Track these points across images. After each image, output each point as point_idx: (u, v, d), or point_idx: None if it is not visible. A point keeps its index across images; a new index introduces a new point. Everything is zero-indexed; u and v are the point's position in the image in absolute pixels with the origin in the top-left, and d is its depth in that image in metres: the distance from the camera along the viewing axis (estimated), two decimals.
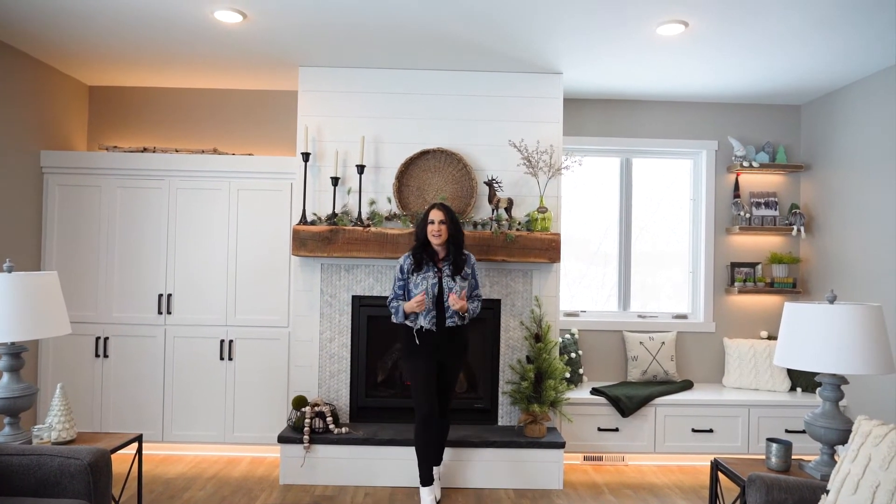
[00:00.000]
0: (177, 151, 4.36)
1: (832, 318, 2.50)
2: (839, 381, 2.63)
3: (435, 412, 3.37)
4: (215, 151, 4.42)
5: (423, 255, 3.43)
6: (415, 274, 3.43)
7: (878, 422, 2.21)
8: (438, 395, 3.45)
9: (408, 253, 3.50)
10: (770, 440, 2.72)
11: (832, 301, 2.60)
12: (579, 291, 4.92)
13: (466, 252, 3.52)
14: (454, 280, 3.40)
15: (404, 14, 3.28)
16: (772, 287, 4.67)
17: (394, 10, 3.24)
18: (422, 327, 3.40)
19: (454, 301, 3.32)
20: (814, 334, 2.53)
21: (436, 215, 3.40)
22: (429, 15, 3.28)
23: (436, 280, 3.41)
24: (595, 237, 4.94)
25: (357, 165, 3.99)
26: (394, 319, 3.48)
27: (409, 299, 3.46)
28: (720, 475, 2.84)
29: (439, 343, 3.41)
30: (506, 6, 3.15)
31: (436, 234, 3.38)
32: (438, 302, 3.41)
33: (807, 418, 2.67)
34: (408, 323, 3.44)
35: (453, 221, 3.42)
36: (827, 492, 2.19)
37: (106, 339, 4.21)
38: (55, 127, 4.35)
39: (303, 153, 4.01)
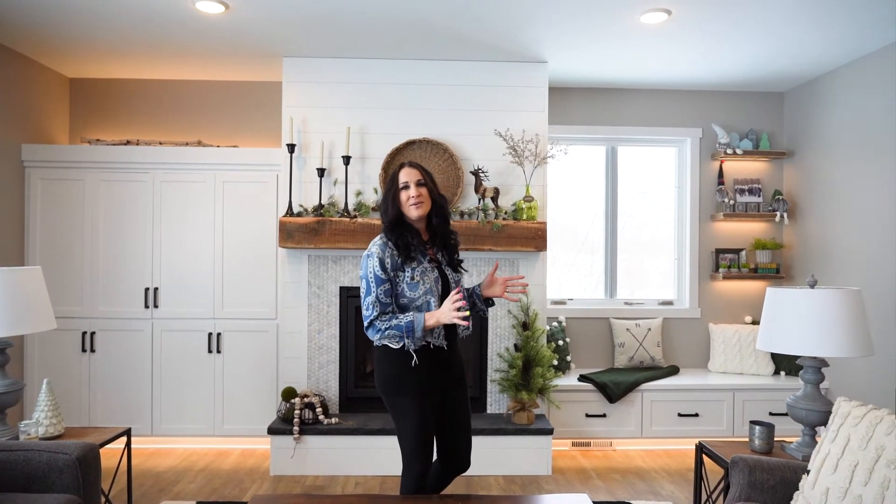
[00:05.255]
0: (161, 144, 4.33)
1: (813, 303, 2.54)
2: (820, 364, 2.68)
3: (431, 467, 2.42)
4: (200, 144, 4.39)
5: (408, 237, 2.35)
6: (406, 268, 2.32)
7: (857, 403, 2.26)
8: (460, 439, 2.48)
9: (380, 241, 2.36)
10: (753, 423, 2.77)
11: (813, 286, 2.65)
12: (568, 279, 4.95)
13: (452, 229, 2.53)
14: (458, 272, 2.47)
15: (387, 4, 3.27)
16: (756, 273, 4.72)
17: (376, 0, 3.22)
18: (429, 344, 2.32)
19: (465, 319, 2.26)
20: (795, 318, 2.57)
21: (409, 175, 2.38)
22: (412, 5, 3.27)
23: (437, 273, 2.38)
24: (583, 225, 4.97)
25: (343, 156, 3.98)
26: (408, 345, 2.28)
27: (399, 307, 2.35)
28: (705, 458, 2.89)
29: (447, 364, 2.39)
30: None
31: (414, 201, 2.34)
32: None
33: (789, 401, 2.72)
34: (405, 342, 2.30)
35: (434, 183, 2.44)
36: (808, 472, 2.24)
37: (92, 333, 4.19)
38: (36, 120, 4.29)
39: (288, 144, 3.99)
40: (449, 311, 2.21)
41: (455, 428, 2.46)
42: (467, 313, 2.19)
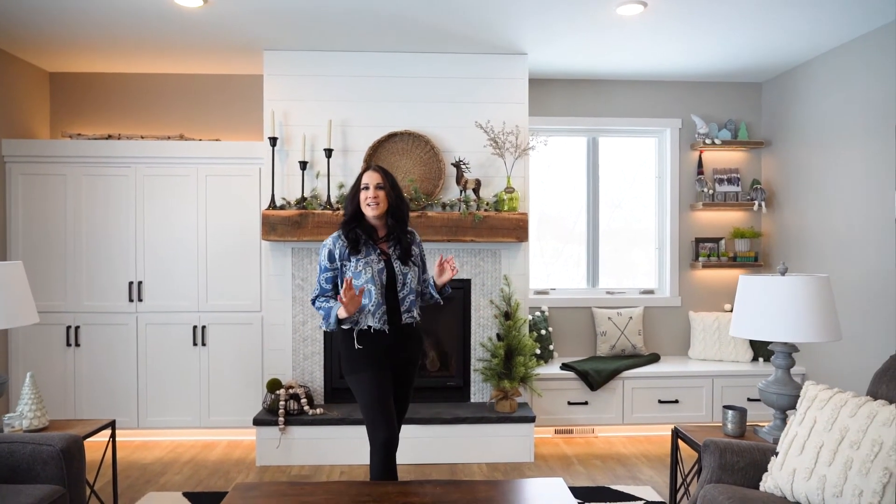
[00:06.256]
0: (142, 138, 4.33)
1: (782, 290, 2.60)
2: (790, 350, 2.75)
3: (396, 440, 2.61)
4: (182, 137, 4.39)
5: (358, 231, 2.67)
6: (353, 259, 2.63)
7: (823, 387, 2.33)
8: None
9: (335, 234, 2.70)
10: (726, 407, 2.83)
11: (784, 273, 2.71)
12: (556, 269, 5.01)
13: (410, 229, 2.82)
14: (407, 266, 2.71)
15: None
16: (734, 261, 4.80)
17: None
18: (369, 328, 2.63)
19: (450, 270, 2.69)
20: (766, 305, 2.64)
21: (370, 178, 2.67)
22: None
23: (383, 265, 2.66)
24: (571, 215, 5.02)
25: (325, 149, 4.00)
26: (322, 327, 2.68)
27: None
28: (681, 443, 2.96)
29: (393, 346, 2.65)
30: None
31: (371, 202, 2.64)
32: (389, 292, 2.67)
33: (760, 386, 2.78)
34: (343, 326, 2.65)
35: (394, 187, 2.71)
36: (776, 454, 2.32)
37: (77, 327, 4.20)
38: (16, 115, 4.28)
39: (270, 138, 4.01)
40: (343, 305, 2.50)
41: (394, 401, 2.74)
42: (351, 305, 2.49)
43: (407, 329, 2.72)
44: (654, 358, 4.67)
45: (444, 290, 2.82)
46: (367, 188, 2.67)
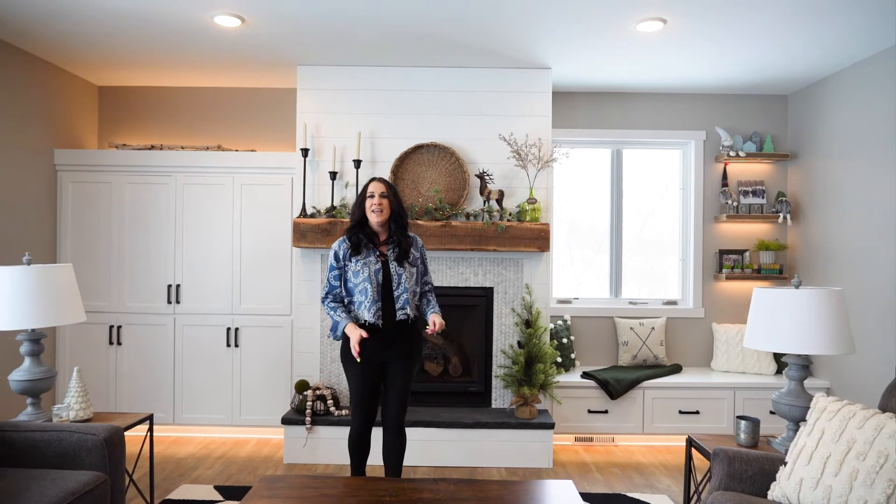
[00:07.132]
0: (183, 148, 4.56)
1: (795, 302, 2.65)
2: (804, 362, 2.78)
3: (368, 429, 3.03)
4: (219, 148, 4.61)
5: (360, 236, 2.97)
6: (353, 259, 2.94)
7: (833, 399, 2.37)
8: (390, 404, 3.04)
9: (341, 238, 3.02)
10: (739, 418, 2.88)
11: (797, 286, 2.75)
12: (587, 279, 5.06)
13: (412, 234, 3.10)
14: (402, 266, 2.97)
15: (396, 18, 3.44)
16: (759, 273, 4.80)
17: (385, 15, 3.40)
18: (365, 322, 2.92)
19: (437, 324, 2.90)
20: (779, 317, 2.68)
21: (375, 188, 2.97)
22: (420, 18, 3.43)
23: (380, 265, 2.95)
24: (602, 225, 5.07)
25: (354, 160, 4.16)
26: (330, 336, 2.99)
27: (347, 290, 2.98)
28: (696, 452, 3.00)
29: (386, 341, 2.94)
30: (490, 7, 3.30)
31: (376, 209, 2.93)
32: (384, 291, 2.95)
33: (774, 397, 2.82)
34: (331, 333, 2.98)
35: (396, 196, 3.01)
36: (785, 463, 2.36)
37: (119, 327, 4.43)
38: (67, 126, 4.56)
39: (302, 149, 4.19)
40: (354, 342, 2.81)
41: (389, 394, 3.04)
42: (357, 357, 2.81)
43: (401, 325, 2.97)
44: (675, 369, 4.70)
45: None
46: (372, 196, 2.96)
